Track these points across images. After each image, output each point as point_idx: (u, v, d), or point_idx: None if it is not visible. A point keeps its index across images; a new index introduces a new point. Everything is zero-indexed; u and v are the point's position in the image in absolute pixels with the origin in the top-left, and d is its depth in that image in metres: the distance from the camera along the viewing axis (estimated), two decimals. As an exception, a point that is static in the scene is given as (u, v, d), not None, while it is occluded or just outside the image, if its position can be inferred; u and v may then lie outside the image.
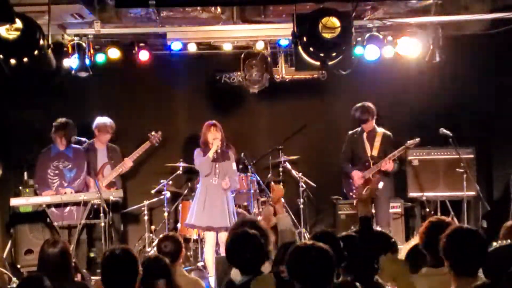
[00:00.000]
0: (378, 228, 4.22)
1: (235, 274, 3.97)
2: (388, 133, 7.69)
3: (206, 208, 7.09)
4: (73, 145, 7.56)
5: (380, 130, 7.68)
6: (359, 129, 7.76)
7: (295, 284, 3.29)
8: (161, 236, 4.92)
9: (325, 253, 3.26)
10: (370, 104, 7.65)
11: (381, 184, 7.60)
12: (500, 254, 3.38)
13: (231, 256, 3.97)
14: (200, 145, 7.25)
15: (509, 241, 3.60)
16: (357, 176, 7.65)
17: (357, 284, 3.17)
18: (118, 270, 3.56)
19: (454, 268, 3.31)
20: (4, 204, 7.65)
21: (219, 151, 7.09)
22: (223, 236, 6.79)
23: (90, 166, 7.76)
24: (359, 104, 7.67)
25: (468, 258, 3.29)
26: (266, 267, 4.21)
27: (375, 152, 7.60)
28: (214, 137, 7.10)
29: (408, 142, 7.61)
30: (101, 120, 7.90)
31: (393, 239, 4.11)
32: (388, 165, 7.49)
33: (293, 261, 3.30)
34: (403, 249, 4.17)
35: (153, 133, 8.05)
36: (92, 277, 7.00)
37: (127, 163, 7.96)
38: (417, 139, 7.62)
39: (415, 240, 4.08)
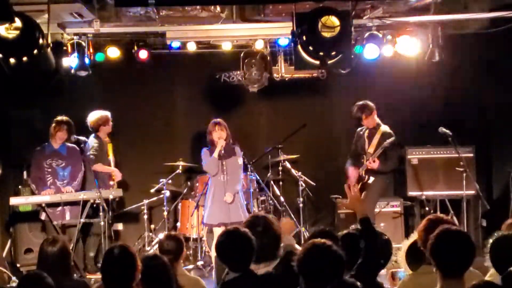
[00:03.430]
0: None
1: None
2: (388, 131, 7.53)
3: (216, 206, 7.04)
4: (68, 144, 7.52)
5: (382, 128, 7.56)
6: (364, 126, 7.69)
7: (300, 279, 3.32)
8: (163, 234, 4.92)
9: (339, 256, 3.30)
10: (364, 102, 7.52)
11: (371, 179, 7.49)
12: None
13: (221, 253, 3.98)
14: (207, 144, 7.24)
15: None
16: (351, 171, 7.60)
17: (358, 283, 3.17)
18: (117, 267, 3.58)
19: (440, 269, 3.30)
20: (3, 203, 7.65)
21: (222, 151, 7.07)
22: None
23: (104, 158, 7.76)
24: (357, 103, 7.60)
25: (454, 260, 3.29)
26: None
27: (371, 150, 7.49)
28: (219, 136, 7.06)
29: (386, 141, 7.43)
30: (100, 113, 7.84)
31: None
32: (373, 164, 7.37)
33: (306, 258, 3.32)
34: (402, 247, 4.17)
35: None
36: (92, 276, 7.01)
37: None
38: (393, 138, 7.45)
39: (413, 238, 4.08)
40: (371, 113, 7.53)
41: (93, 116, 7.83)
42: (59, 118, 7.43)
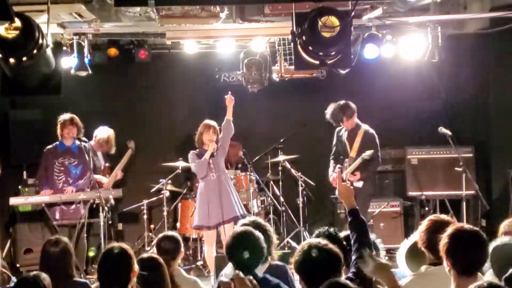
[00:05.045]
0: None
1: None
2: (371, 131, 7.41)
3: (211, 206, 6.99)
4: (79, 143, 7.51)
5: (363, 128, 7.44)
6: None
7: (299, 279, 3.34)
8: (160, 235, 4.93)
9: (336, 255, 3.30)
10: (345, 102, 7.41)
11: (360, 183, 7.32)
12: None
13: (231, 253, 3.99)
14: (194, 145, 7.20)
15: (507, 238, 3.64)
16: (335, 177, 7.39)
17: (350, 284, 3.18)
18: (113, 268, 3.59)
19: (455, 268, 3.32)
20: (3, 203, 7.65)
21: (215, 153, 7.06)
22: (228, 228, 6.78)
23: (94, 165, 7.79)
24: (334, 104, 7.45)
25: (469, 258, 3.31)
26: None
27: (353, 153, 7.36)
28: (210, 138, 7.06)
29: (364, 153, 7.32)
30: (103, 134, 7.89)
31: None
32: (355, 180, 7.20)
33: (303, 257, 3.34)
34: (402, 247, 4.17)
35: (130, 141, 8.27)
36: (90, 277, 7.01)
37: (119, 175, 8.08)
38: (371, 151, 7.30)
39: (413, 239, 4.08)
40: (353, 115, 7.41)
41: (102, 132, 7.87)
42: (61, 117, 7.42)
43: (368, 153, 7.24)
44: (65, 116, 7.41)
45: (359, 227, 3.76)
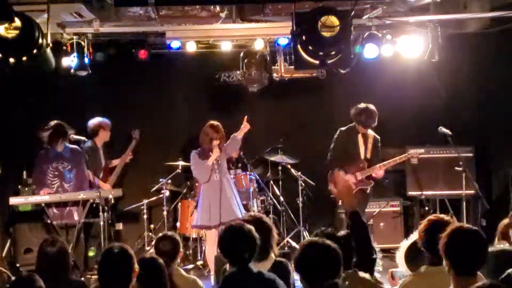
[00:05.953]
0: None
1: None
2: (377, 136, 7.44)
3: (213, 206, 6.94)
4: (70, 146, 7.50)
5: (371, 132, 7.40)
6: (352, 127, 7.40)
7: (300, 277, 3.34)
8: (159, 235, 4.93)
9: (336, 255, 3.31)
10: (374, 108, 7.28)
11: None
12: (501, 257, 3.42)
13: (224, 247, 3.99)
14: (194, 144, 7.15)
15: (507, 244, 3.63)
16: (345, 176, 7.13)
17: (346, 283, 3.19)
18: (113, 268, 3.58)
19: (454, 267, 3.32)
20: (3, 203, 7.64)
21: (220, 161, 7.00)
22: None
23: (97, 165, 7.81)
24: (363, 106, 7.24)
25: (468, 258, 3.31)
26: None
27: (369, 155, 7.33)
28: (218, 143, 6.98)
29: (411, 151, 7.51)
30: (102, 118, 7.92)
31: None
32: (380, 172, 7.26)
33: (303, 255, 3.34)
34: (401, 247, 4.17)
35: (134, 130, 8.28)
36: (92, 276, 7.01)
37: (128, 158, 8.14)
38: (422, 150, 7.56)
39: (413, 238, 4.08)
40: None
41: (95, 120, 7.89)
42: (48, 126, 7.31)
43: (419, 151, 7.55)
44: (52, 125, 7.29)
45: (360, 232, 3.72)
